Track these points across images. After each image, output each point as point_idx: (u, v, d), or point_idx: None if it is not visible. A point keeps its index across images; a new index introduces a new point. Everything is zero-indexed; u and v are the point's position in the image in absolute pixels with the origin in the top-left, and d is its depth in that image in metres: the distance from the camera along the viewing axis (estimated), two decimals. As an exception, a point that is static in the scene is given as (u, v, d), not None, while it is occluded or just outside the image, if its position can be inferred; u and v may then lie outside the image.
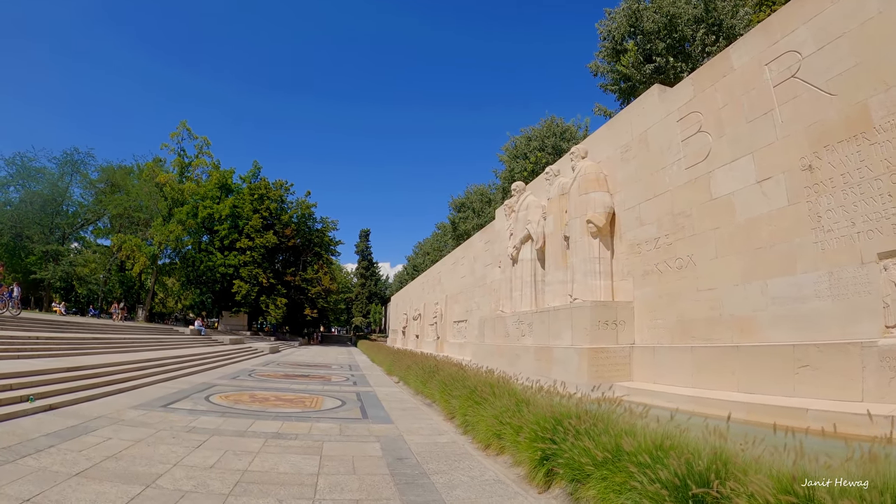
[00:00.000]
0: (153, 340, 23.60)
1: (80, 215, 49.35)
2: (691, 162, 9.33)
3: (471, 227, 42.59)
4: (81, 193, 49.06)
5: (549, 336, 11.89)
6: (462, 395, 8.45)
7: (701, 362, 8.34)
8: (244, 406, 9.93)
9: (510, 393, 7.07)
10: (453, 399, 8.94)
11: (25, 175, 44.53)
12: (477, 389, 7.95)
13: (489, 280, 21.29)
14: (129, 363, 13.63)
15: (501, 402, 6.75)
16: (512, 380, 8.31)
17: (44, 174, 45.56)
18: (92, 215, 49.33)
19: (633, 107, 11.53)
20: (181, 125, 43.68)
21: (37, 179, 45.31)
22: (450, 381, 9.78)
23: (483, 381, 8.34)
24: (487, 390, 7.52)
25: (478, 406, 7.46)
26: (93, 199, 48.48)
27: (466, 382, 8.83)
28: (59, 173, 46.62)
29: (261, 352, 30.99)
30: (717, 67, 9.15)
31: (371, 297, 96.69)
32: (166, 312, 66.09)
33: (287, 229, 54.51)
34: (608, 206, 11.38)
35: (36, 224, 44.49)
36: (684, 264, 9.23)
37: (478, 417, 7.28)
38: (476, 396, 7.77)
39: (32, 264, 44.34)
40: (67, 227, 48.36)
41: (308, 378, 16.78)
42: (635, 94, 21.99)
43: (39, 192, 44.85)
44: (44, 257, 44.43)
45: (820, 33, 7.20)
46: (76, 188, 48.64)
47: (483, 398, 7.39)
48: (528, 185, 16.87)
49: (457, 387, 9.06)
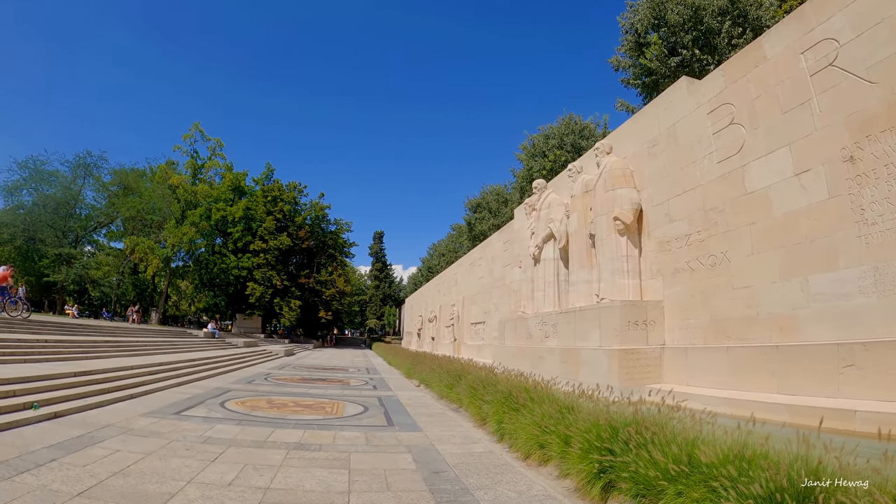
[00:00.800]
0: (166, 343, 23.56)
1: (93, 218, 49.86)
2: (723, 155, 9.17)
3: (487, 227, 42.53)
4: (94, 196, 49.63)
5: (575, 337, 11.77)
6: (495, 400, 8.23)
7: (737, 363, 8.18)
8: (262, 413, 9.60)
9: (550, 398, 6.82)
10: (484, 404, 8.75)
11: (38, 178, 45.03)
12: (512, 394, 7.73)
13: (508, 281, 21.17)
14: (141, 367, 13.49)
15: (542, 409, 6.50)
16: (550, 384, 8.03)
17: (56, 177, 46.04)
18: (105, 218, 49.83)
19: (659, 100, 11.38)
20: (194, 127, 44.18)
21: (49, 183, 45.79)
22: (479, 386, 9.61)
23: (517, 386, 8.12)
24: (524, 395, 7.29)
25: (515, 413, 7.21)
26: (105, 201, 49.00)
27: (498, 387, 8.64)
28: (72, 176, 47.11)
29: (275, 355, 30.98)
30: (748, 58, 8.98)
31: (385, 300, 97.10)
32: (180, 315, 66.77)
33: (301, 231, 54.77)
34: (635, 202, 11.25)
35: (49, 227, 44.98)
36: (718, 261, 9.06)
37: (516, 425, 7.03)
38: (512, 402, 7.53)
39: (45, 267, 44.91)
40: (80, 229, 48.86)
41: (326, 382, 16.64)
42: (659, 89, 21.78)
43: (52, 196, 45.33)
44: (57, 260, 44.93)
45: (857, 20, 7.04)
46: (89, 191, 49.20)
47: (521, 404, 7.16)
48: (549, 183, 16.74)
49: (488, 391, 8.85)
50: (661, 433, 4.50)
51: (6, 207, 45.12)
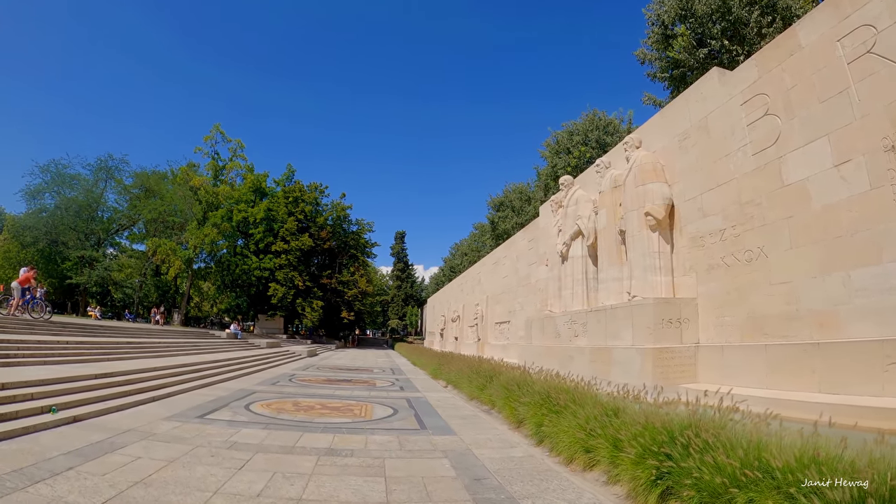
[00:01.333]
0: (189, 345, 23.72)
1: (115, 221, 50.61)
2: (759, 147, 9.03)
3: (510, 226, 42.41)
4: (116, 199, 50.36)
5: (605, 336, 11.69)
6: (532, 402, 8.13)
7: (776, 361, 8.04)
8: (288, 416, 9.43)
9: (592, 400, 6.70)
10: (521, 406, 8.61)
11: (60, 182, 45.84)
12: (550, 396, 7.63)
13: (534, 279, 21.10)
14: (163, 369, 13.50)
15: (586, 411, 6.39)
16: (590, 385, 7.96)
17: (78, 180, 46.84)
18: (127, 220, 50.60)
19: (690, 92, 11.24)
20: (214, 128, 44.85)
21: (71, 186, 46.57)
22: (513, 387, 9.50)
23: (554, 387, 8.02)
24: (565, 397, 7.18)
25: (556, 415, 7.09)
26: (127, 204, 49.75)
27: (534, 388, 8.55)
28: (94, 179, 47.92)
29: (298, 355, 31.20)
30: (782, 46, 8.84)
31: (407, 300, 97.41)
32: (202, 316, 67.68)
33: (322, 232, 55.16)
34: (667, 197, 11.13)
35: (71, 230, 45.81)
36: (754, 257, 8.92)
37: (557, 428, 6.86)
38: (551, 404, 7.43)
39: (68, 270, 45.80)
40: (102, 232, 49.68)
41: (352, 383, 16.58)
42: (687, 82, 21.53)
43: (74, 199, 46.15)
44: (79, 263, 45.80)
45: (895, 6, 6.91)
46: (111, 194, 49.96)
47: (563, 406, 7.04)
48: (575, 179, 16.64)
49: (523, 393, 8.75)
50: (723, 436, 4.35)
51: (29, 211, 46.12)
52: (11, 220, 50.38)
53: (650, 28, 23.28)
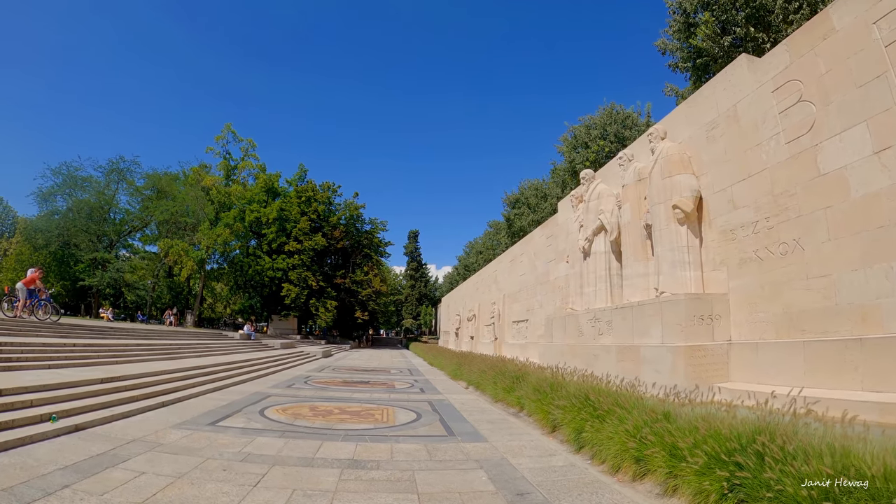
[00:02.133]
0: (201, 346, 23.64)
1: (127, 222, 51.23)
2: (792, 135, 8.78)
3: (527, 223, 42.20)
4: (128, 201, 50.96)
5: (633, 334, 11.47)
6: (569, 405, 7.86)
7: (815, 358, 7.79)
8: (306, 422, 9.06)
9: (638, 404, 6.42)
10: (555, 410, 8.33)
11: (72, 184, 46.46)
12: (589, 398, 7.37)
13: (553, 277, 20.88)
14: (174, 371, 13.31)
15: (634, 417, 6.08)
16: (633, 386, 7.70)
17: (90, 183, 47.47)
18: (139, 222, 51.19)
19: (717, 80, 10.99)
20: (226, 128, 45.17)
21: (83, 188, 47.18)
22: (545, 389, 9.27)
23: (592, 389, 7.74)
24: (608, 401, 6.90)
25: (599, 421, 6.79)
26: (139, 206, 50.29)
27: (568, 389, 8.33)
28: (106, 181, 48.54)
29: (313, 356, 31.23)
30: (815, 30, 8.60)
31: (421, 299, 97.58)
32: (215, 317, 68.19)
33: (335, 231, 55.47)
34: (695, 189, 10.89)
35: (83, 232, 46.39)
36: (789, 249, 8.68)
37: (601, 435, 6.56)
38: (592, 408, 7.15)
39: (81, 272, 46.30)
40: (114, 234, 50.30)
41: (370, 385, 16.34)
42: (709, 71, 21.21)
43: (86, 201, 46.73)
44: (91, 265, 46.31)
45: (934, -17, 6.69)
46: (122, 196, 50.61)
47: (606, 410, 6.74)
48: (596, 173, 16.41)
49: (557, 395, 8.49)
50: (799, 442, 4.06)
51: (41, 213, 46.86)
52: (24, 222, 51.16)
53: (672, 17, 22.94)
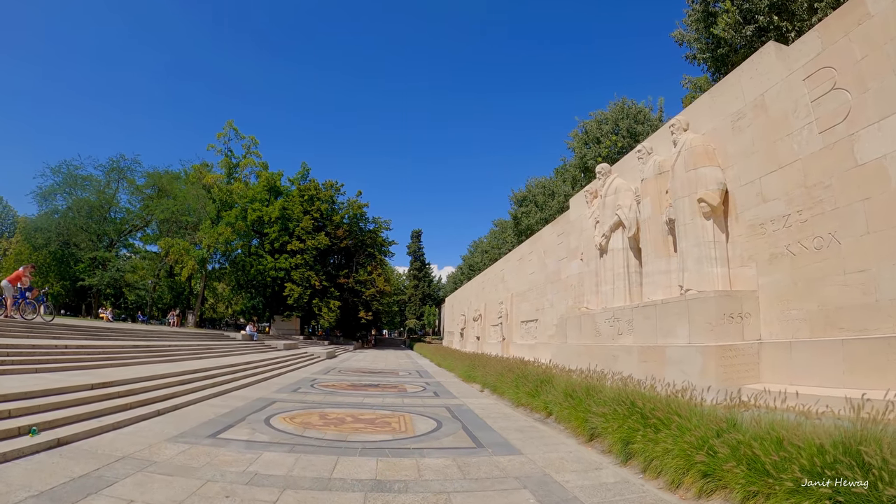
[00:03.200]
0: (202, 347, 23.07)
1: (128, 222, 51.11)
2: (826, 125, 8.47)
3: (534, 221, 41.88)
4: (129, 200, 50.90)
5: (656, 334, 11.17)
6: (611, 413, 7.37)
7: (855, 357, 7.47)
8: (317, 433, 8.36)
9: (695, 411, 5.99)
10: (594, 417, 7.85)
11: (72, 183, 46.39)
12: (636, 405, 6.90)
13: (564, 275, 20.58)
14: (172, 375, 12.61)
15: (695, 425, 5.61)
16: (683, 391, 7.24)
17: (90, 181, 47.39)
18: (139, 221, 51.08)
19: (743, 69, 10.68)
20: (227, 125, 44.89)
21: (83, 187, 47.11)
22: (579, 394, 8.84)
23: (638, 395, 7.27)
24: (662, 408, 6.40)
25: (653, 430, 6.26)
26: (140, 204, 50.21)
27: (604, 394, 7.93)
28: (106, 180, 48.47)
29: (317, 357, 30.86)
30: (848, 16, 8.30)
31: (424, 299, 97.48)
32: (217, 318, 68.07)
33: (339, 230, 55.28)
34: (721, 182, 10.58)
35: (83, 231, 46.29)
36: (825, 243, 8.36)
37: (657, 447, 5.99)
38: (640, 415, 6.65)
39: (81, 272, 46.15)
40: (115, 233, 50.15)
41: (380, 389, 15.78)
42: (729, 62, 20.84)
43: (86, 200, 46.66)
44: (91, 264, 46.16)
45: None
46: (123, 194, 50.52)
47: (661, 419, 6.17)
48: (612, 167, 16.08)
49: (595, 401, 8.06)
50: None
51: (41, 213, 46.75)
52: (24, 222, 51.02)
53: (690, 6, 22.55)
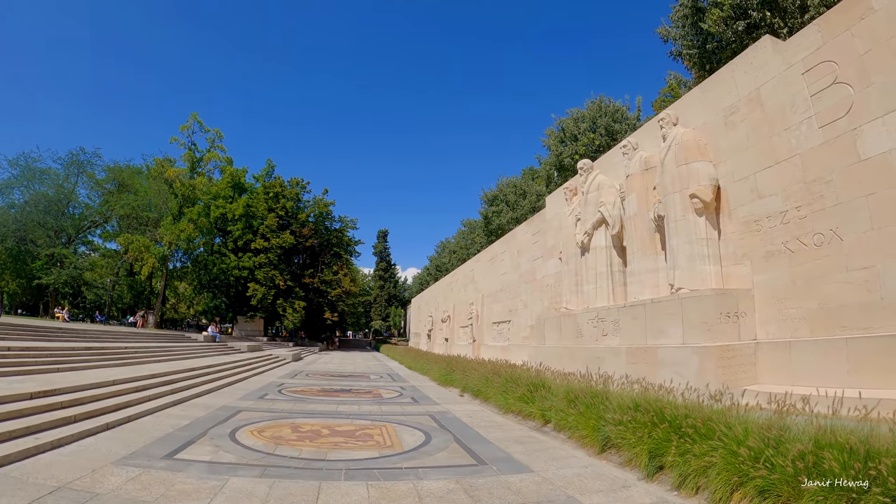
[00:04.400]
0: (161, 349, 21.75)
1: (87, 217, 49.25)
2: (827, 119, 8.30)
3: (506, 221, 41.55)
4: (88, 194, 48.95)
5: (645, 334, 10.87)
6: (631, 421, 6.77)
7: (860, 357, 7.26)
8: (291, 450, 7.28)
9: (737, 420, 5.48)
10: (608, 426, 7.27)
11: (30, 176, 44.52)
12: (664, 414, 6.35)
13: (540, 275, 20.32)
14: (126, 381, 11.46)
15: (741, 436, 5.08)
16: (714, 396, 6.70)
17: (49, 175, 45.48)
18: (99, 217, 49.26)
19: (736, 64, 10.48)
20: (192, 117, 43.40)
21: (41, 181, 45.25)
22: (586, 400, 8.31)
23: (666, 403, 6.71)
24: (697, 416, 5.86)
25: (689, 441, 5.70)
26: (100, 200, 48.39)
27: (618, 401, 7.40)
28: (65, 174, 46.52)
29: (283, 360, 30.11)
30: (851, 11, 8.17)
31: (390, 300, 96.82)
32: (178, 319, 66.29)
33: (304, 229, 54.29)
34: (713, 177, 10.37)
35: (40, 227, 44.38)
36: (825, 240, 8.16)
37: (699, 460, 5.43)
38: (669, 424, 6.12)
39: (38, 270, 44.30)
40: (73, 229, 48.28)
41: (353, 395, 14.69)
42: (716, 58, 20.85)
43: (44, 194, 44.80)
44: (49, 261, 44.36)
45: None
46: (82, 189, 48.54)
47: (699, 431, 5.64)
48: (594, 164, 15.80)
49: (608, 408, 7.53)
50: None
51: (-3, 207, 44.53)
52: (-21, 217, 48.79)
53: (678, 2, 22.55)
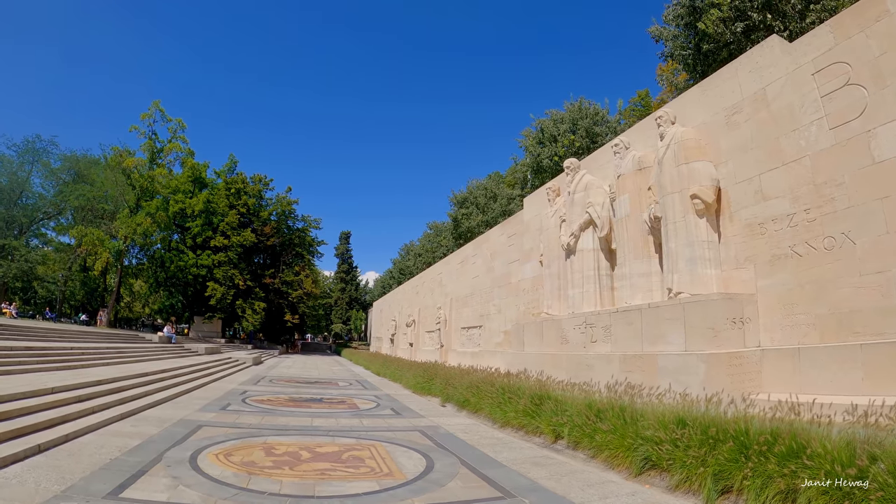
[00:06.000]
0: (112, 350, 20.09)
1: (41, 208, 47.25)
2: (839, 120, 8.13)
3: (475, 224, 41.15)
4: (42, 184, 46.97)
5: (641, 341, 10.49)
6: (679, 439, 6.13)
7: (876, 363, 7.04)
8: (268, 481, 5.85)
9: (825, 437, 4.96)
10: (646, 444, 6.58)
11: (-21, 163, 42.48)
12: (726, 430, 5.67)
13: (516, 279, 19.98)
14: (69, 388, 9.81)
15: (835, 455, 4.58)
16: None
17: (2, 162, 43.57)
18: (53, 208, 47.27)
19: (740, 63, 10.29)
20: (153, 105, 41.56)
21: (-7, 168, 43.29)
22: (613, 414, 7.60)
23: (710, 419, 6.14)
24: (770, 433, 5.28)
25: (760, 460, 5.11)
26: (55, 190, 46.41)
27: (655, 417, 6.81)
28: (19, 162, 44.55)
29: (243, 363, 28.74)
30: (866, 13, 8.06)
31: (351, 303, 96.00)
32: (132, 318, 64.10)
33: (266, 227, 52.98)
34: (715, 178, 10.15)
35: (-11, 217, 42.39)
36: (837, 244, 7.96)
37: (774, 485, 4.87)
38: (735, 441, 5.48)
39: (-14, 262, 42.10)
40: (26, 220, 46.26)
41: (326, 405, 13.42)
42: (711, 59, 20.98)
43: (-5, 182, 42.86)
44: (-1, 253, 42.34)
45: None
46: (36, 178, 46.56)
47: (779, 451, 5.02)
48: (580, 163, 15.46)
49: (644, 426, 6.84)
50: None
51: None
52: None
53: (673, 3, 22.50)
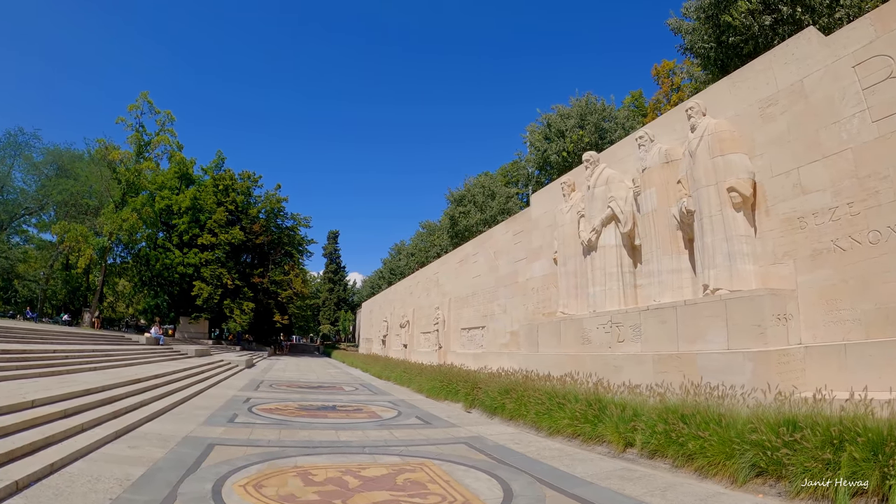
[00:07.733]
0: (98, 353, 19.05)
1: (22, 204, 46.47)
2: (882, 113, 8.15)
3: (474, 222, 41.00)
4: (24, 178, 46.12)
5: (677, 340, 10.41)
6: (796, 443, 5.70)
7: (930, 359, 7.11)
8: None
9: None
10: (750, 450, 6.16)
11: (-41, 156, 41.82)
12: (855, 431, 5.36)
13: (524, 278, 19.90)
14: (50, 401, 8.57)
15: None
16: None
17: (-19, 156, 42.87)
18: (35, 204, 46.54)
19: (774, 55, 10.32)
20: (141, 96, 41.14)
21: (-28, 161, 42.53)
22: (703, 420, 7.15)
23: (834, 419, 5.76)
24: None
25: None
26: (37, 185, 45.73)
27: (738, 423, 6.45)
28: (0, 156, 43.87)
29: (236, 366, 27.82)
30: (907, 6, 8.13)
31: (339, 304, 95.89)
32: (116, 318, 63.42)
33: (255, 225, 52.64)
34: (751, 170, 10.15)
35: (-31, 212, 41.75)
36: (882, 237, 7.98)
37: None
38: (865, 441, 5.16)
39: (-35, 259, 41.56)
40: (6, 216, 45.54)
41: (342, 413, 12.77)
42: (735, 54, 21.04)
43: (-26, 176, 42.13)
44: (-22, 250, 41.65)
45: None
46: (18, 172, 45.69)
47: None
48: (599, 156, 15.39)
49: (754, 428, 6.34)
50: None
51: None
52: None
53: None
